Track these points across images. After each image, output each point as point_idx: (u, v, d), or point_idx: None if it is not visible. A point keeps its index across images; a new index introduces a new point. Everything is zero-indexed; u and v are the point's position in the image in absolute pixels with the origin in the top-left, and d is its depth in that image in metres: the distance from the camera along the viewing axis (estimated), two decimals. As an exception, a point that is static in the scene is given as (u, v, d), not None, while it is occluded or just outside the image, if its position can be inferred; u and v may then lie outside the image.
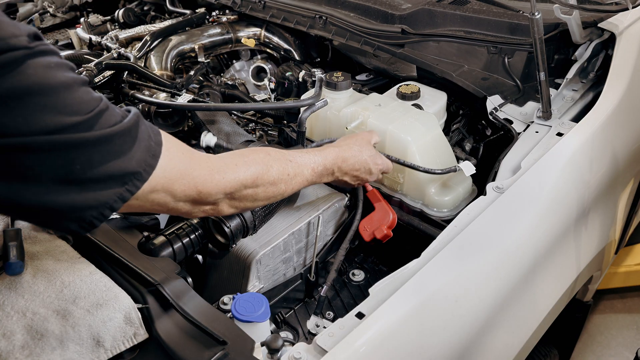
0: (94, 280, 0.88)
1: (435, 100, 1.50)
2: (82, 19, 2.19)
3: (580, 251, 1.26)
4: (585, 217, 1.24)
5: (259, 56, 2.08)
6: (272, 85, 1.88)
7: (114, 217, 1.10)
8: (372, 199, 1.30)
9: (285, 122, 1.68)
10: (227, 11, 2.10)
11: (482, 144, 1.49)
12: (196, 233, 1.14)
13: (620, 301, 2.48)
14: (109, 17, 2.24)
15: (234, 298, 0.93)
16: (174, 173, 0.82)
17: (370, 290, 0.91)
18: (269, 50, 2.04)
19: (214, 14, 2.10)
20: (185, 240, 1.12)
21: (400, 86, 1.50)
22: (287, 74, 1.87)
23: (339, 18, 1.70)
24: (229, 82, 1.90)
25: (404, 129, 1.29)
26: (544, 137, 1.24)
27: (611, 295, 2.48)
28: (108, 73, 1.72)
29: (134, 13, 2.26)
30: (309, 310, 1.26)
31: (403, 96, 1.47)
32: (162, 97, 1.59)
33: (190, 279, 1.00)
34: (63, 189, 0.70)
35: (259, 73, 1.99)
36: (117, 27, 2.21)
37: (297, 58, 1.96)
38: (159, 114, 1.59)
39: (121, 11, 2.21)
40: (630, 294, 2.49)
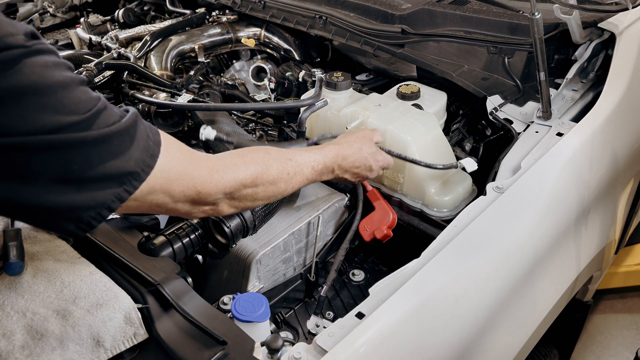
0: (94, 280, 0.88)
1: (435, 100, 1.50)
2: (82, 19, 2.19)
3: (580, 251, 1.26)
4: (585, 217, 1.24)
5: (259, 56, 2.07)
6: (272, 85, 1.88)
7: (114, 217, 1.10)
8: (372, 199, 1.30)
9: (285, 122, 1.68)
10: (227, 11, 2.10)
11: (482, 144, 1.49)
12: (196, 233, 1.13)
13: (620, 301, 2.48)
14: (109, 17, 2.24)
15: (234, 298, 0.93)
16: (172, 173, 0.82)
17: (370, 290, 0.91)
18: (269, 50, 2.04)
19: (214, 14, 2.10)
20: (185, 240, 1.12)
21: (400, 86, 1.50)
22: (287, 74, 1.87)
23: (339, 18, 1.70)
24: (229, 82, 1.90)
25: (404, 129, 1.29)
26: (544, 137, 1.24)
27: (611, 295, 2.48)
28: (108, 73, 1.72)
29: (134, 13, 2.26)
30: (309, 310, 1.26)
31: (403, 96, 1.47)
32: (162, 97, 1.59)
33: (190, 279, 1.00)
34: (60, 189, 0.69)
35: (259, 73, 1.99)
36: (117, 27, 2.21)
37: (297, 58, 1.95)
38: (159, 114, 1.59)
39: (121, 11, 2.21)
40: (630, 294, 2.48)
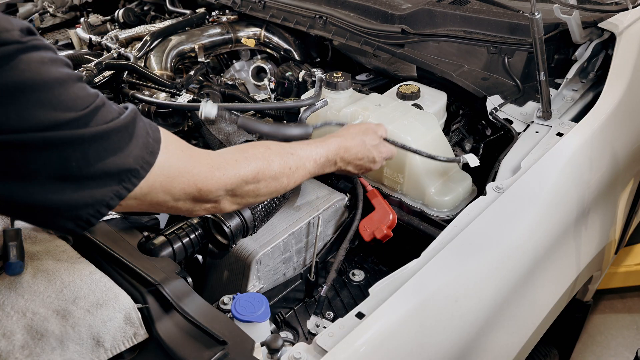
0: (94, 280, 0.88)
1: (435, 100, 1.50)
2: (82, 19, 2.19)
3: (580, 251, 1.26)
4: (585, 217, 1.24)
5: (259, 56, 2.07)
6: (272, 85, 1.88)
7: (114, 217, 1.10)
8: (372, 199, 1.30)
9: (285, 122, 1.68)
10: (227, 11, 2.10)
11: (482, 144, 1.49)
12: (196, 233, 1.13)
13: (620, 301, 2.48)
14: (109, 17, 2.24)
15: (234, 298, 0.93)
16: (172, 170, 0.81)
17: (370, 290, 0.91)
18: (269, 50, 2.04)
19: (214, 14, 2.10)
20: (185, 240, 1.12)
21: (400, 86, 1.50)
22: (287, 74, 1.86)
23: (339, 18, 1.69)
24: (229, 82, 1.90)
25: (404, 129, 1.29)
26: (544, 137, 1.24)
27: (611, 295, 2.48)
28: (108, 73, 1.72)
29: (134, 13, 2.26)
30: (309, 310, 1.26)
31: (403, 96, 1.47)
32: (162, 97, 1.59)
33: (190, 279, 1.00)
34: (59, 186, 0.69)
35: (259, 73, 1.98)
36: (117, 27, 2.21)
37: (297, 58, 1.95)
38: (159, 114, 1.59)
39: (121, 11, 2.21)
40: (630, 294, 2.48)
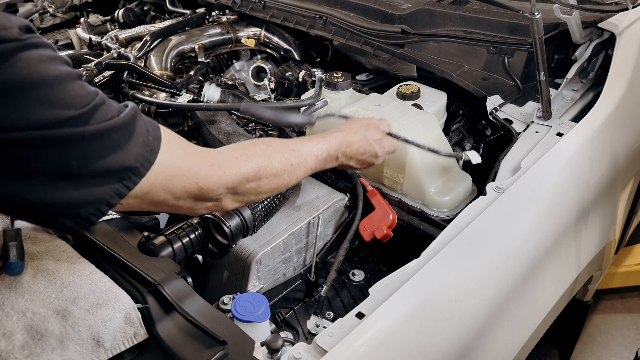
0: (94, 280, 0.88)
1: (435, 100, 1.50)
2: (82, 19, 2.19)
3: (580, 251, 1.26)
4: (585, 217, 1.24)
5: (259, 56, 2.07)
6: (272, 85, 1.88)
7: (114, 217, 1.10)
8: (372, 199, 1.30)
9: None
10: (227, 11, 2.10)
11: (482, 144, 1.49)
12: (196, 233, 1.13)
13: (620, 301, 2.47)
14: (109, 17, 2.24)
15: (234, 298, 0.93)
16: (173, 169, 0.80)
17: (370, 290, 0.91)
18: (269, 50, 2.04)
19: (214, 14, 2.10)
20: (185, 240, 1.11)
21: (400, 86, 1.50)
22: (287, 74, 1.87)
23: (339, 18, 1.69)
24: (229, 82, 1.90)
25: (404, 129, 1.29)
26: (544, 137, 1.24)
27: (611, 295, 2.48)
28: (108, 73, 1.72)
29: (134, 13, 2.26)
30: (309, 310, 1.26)
31: (403, 96, 1.47)
32: (162, 97, 1.59)
33: (190, 279, 1.00)
34: (58, 184, 0.68)
35: (259, 73, 1.99)
36: (117, 27, 2.21)
37: (297, 58, 1.95)
38: (159, 114, 1.59)
39: (121, 11, 2.21)
40: (630, 294, 2.48)
